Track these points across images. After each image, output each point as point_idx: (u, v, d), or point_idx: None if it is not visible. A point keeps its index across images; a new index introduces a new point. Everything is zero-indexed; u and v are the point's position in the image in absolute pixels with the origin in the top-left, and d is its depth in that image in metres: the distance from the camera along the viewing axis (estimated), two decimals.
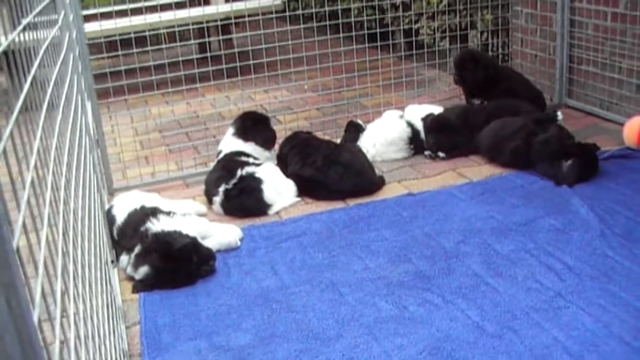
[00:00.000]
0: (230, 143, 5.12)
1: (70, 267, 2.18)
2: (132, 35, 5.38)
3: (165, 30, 5.83)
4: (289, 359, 3.11)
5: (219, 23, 6.63)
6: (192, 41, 5.95)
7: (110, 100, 5.46)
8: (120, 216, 4.24)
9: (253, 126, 5.18)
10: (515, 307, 3.34)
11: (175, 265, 3.83)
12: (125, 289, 3.88)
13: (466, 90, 5.96)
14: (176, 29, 5.70)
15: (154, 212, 4.15)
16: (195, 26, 6.11)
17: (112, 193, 5.17)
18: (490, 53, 6.94)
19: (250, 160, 4.95)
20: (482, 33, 7.06)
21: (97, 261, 3.13)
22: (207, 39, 6.80)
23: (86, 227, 2.93)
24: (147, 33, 5.57)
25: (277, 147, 5.33)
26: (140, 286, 3.84)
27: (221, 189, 4.69)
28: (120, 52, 5.35)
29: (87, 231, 2.98)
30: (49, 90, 2.26)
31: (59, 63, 2.84)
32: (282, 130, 5.65)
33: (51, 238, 1.94)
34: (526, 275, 3.60)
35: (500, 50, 7.03)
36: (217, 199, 4.71)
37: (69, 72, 3.35)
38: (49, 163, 1.98)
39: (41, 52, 2.26)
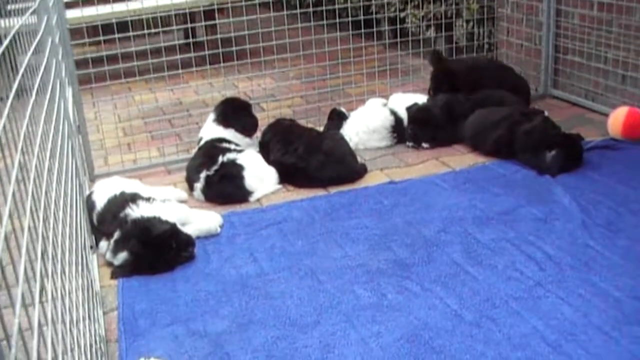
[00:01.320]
0: (210, 130, 5.07)
1: (39, 250, 2.15)
2: (114, 21, 5.33)
3: (148, 16, 5.75)
4: (266, 346, 3.09)
5: (202, 9, 6.57)
6: (175, 27, 5.87)
7: (93, 86, 5.40)
8: (100, 202, 4.20)
9: (234, 113, 5.14)
10: (494, 295, 3.32)
11: (154, 251, 3.80)
12: (104, 275, 3.84)
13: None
14: (158, 15, 5.64)
15: (134, 198, 4.11)
16: (178, 11, 6.06)
17: (93, 179, 5.12)
18: (475, 42, 6.92)
19: (232, 147, 4.91)
20: (467, 22, 7.02)
21: (75, 246, 3.11)
22: (189, 25, 6.74)
23: (61, 212, 2.90)
24: (129, 19, 5.49)
25: (259, 134, 5.29)
26: (119, 272, 3.81)
27: (202, 175, 4.66)
28: (102, 38, 5.29)
29: (64, 216, 2.95)
30: (18, 77, 2.21)
31: (31, 49, 2.79)
32: (265, 118, 5.61)
33: (26, 224, 1.92)
34: (506, 264, 3.59)
35: (485, 39, 6.99)
36: (198, 185, 4.68)
37: (45, 58, 3.30)
38: (17, 149, 1.94)
39: (9, 38, 2.21)
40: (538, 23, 6.21)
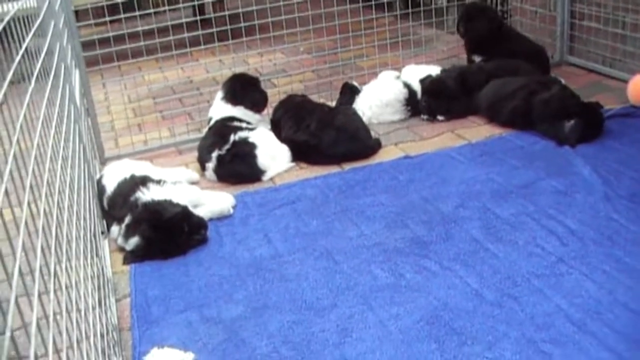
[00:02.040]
0: (220, 108, 4.98)
1: (52, 241, 2.09)
2: (120, 0, 5.22)
3: None
4: (282, 331, 3.01)
5: None
6: (182, 4, 5.76)
7: (103, 67, 5.31)
8: (110, 186, 4.13)
9: (242, 89, 5.03)
10: (515, 273, 3.23)
11: (165, 235, 3.72)
12: (116, 261, 3.78)
13: (469, 45, 5.79)
14: None
15: (144, 181, 4.03)
16: None
17: (104, 162, 5.05)
18: None
19: (243, 125, 4.82)
20: None
21: (86, 232, 3.04)
22: (195, 2, 6.61)
23: (72, 198, 2.83)
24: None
25: (270, 111, 5.19)
26: (131, 257, 3.74)
27: (214, 154, 4.58)
28: (107, 18, 5.20)
29: (74, 202, 2.88)
30: (15, 62, 2.13)
31: (31, 33, 2.71)
32: (276, 94, 5.52)
33: (35, 211, 1.85)
34: (527, 240, 3.49)
35: (499, 7, 6.85)
36: (210, 165, 4.60)
37: (47, 42, 3.21)
38: (14, 135, 1.86)
39: (4, 22, 2.13)
40: None
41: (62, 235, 2.37)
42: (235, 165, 4.55)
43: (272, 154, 4.63)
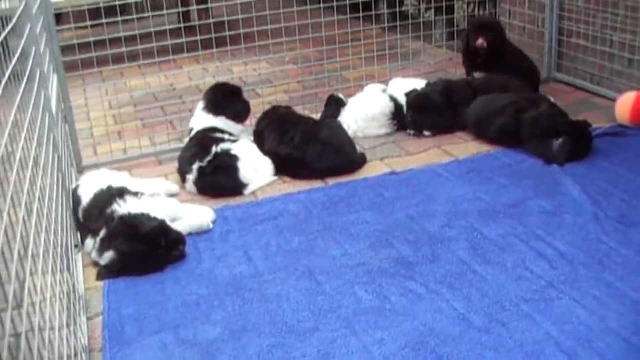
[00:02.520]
0: (201, 119, 4.87)
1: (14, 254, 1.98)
2: (102, 5, 5.10)
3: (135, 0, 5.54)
4: (261, 355, 2.89)
5: None
6: (166, 11, 5.63)
7: (84, 72, 5.19)
8: (86, 197, 3.99)
9: (223, 99, 4.92)
10: (504, 297, 3.12)
11: (142, 250, 3.59)
12: (89, 276, 3.64)
13: (473, 60, 5.64)
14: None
15: (121, 193, 3.91)
16: None
17: (81, 171, 4.92)
18: None
19: (226, 136, 4.71)
20: (468, 4, 6.81)
21: (57, 246, 2.92)
22: (180, 9, 6.49)
23: (42, 209, 2.71)
24: (118, 3, 5.24)
25: (253, 122, 5.08)
26: (105, 273, 3.60)
27: (195, 166, 4.46)
28: (89, 23, 5.08)
29: (44, 214, 2.76)
30: None
31: (1, 36, 2.58)
32: (260, 104, 5.42)
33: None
34: (516, 262, 3.39)
35: None
36: (191, 177, 4.48)
37: (21, 46, 3.08)
38: None
39: None
40: (541, 5, 6.00)
41: (29, 248, 2.25)
42: (217, 177, 4.43)
43: (255, 167, 4.52)
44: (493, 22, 5.69)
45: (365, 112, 5.16)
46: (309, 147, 4.52)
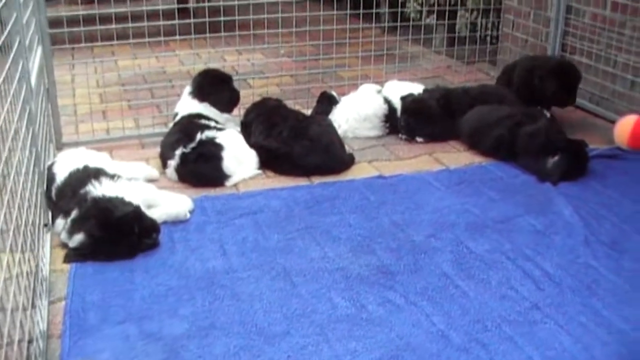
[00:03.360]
0: (186, 104, 4.75)
1: None
2: None
3: None
4: (226, 356, 2.75)
5: None
6: None
7: (74, 47, 5.03)
8: (60, 175, 3.86)
9: (210, 85, 4.80)
10: (486, 316, 2.99)
11: (113, 235, 3.46)
12: (56, 258, 3.49)
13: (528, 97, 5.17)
14: None
15: (97, 173, 3.77)
16: None
17: (60, 148, 4.76)
18: (478, 34, 6.57)
19: (212, 124, 4.56)
20: (471, 11, 6.68)
21: (22, 224, 2.77)
22: None
23: (7, 184, 2.56)
24: None
25: (242, 112, 4.94)
26: (73, 255, 3.46)
27: (178, 152, 4.34)
28: None
29: (10, 189, 2.60)
30: None
31: None
32: (250, 95, 5.29)
33: None
34: (500, 280, 3.26)
35: (489, 32, 6.65)
36: (172, 163, 4.35)
37: None
38: None
39: None
40: (546, 19, 5.88)
41: None
42: (199, 165, 4.31)
43: (239, 158, 4.40)
44: (577, 74, 5.25)
45: (358, 111, 5.03)
46: (297, 142, 4.40)
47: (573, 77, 5.16)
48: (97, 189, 3.62)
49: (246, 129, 4.73)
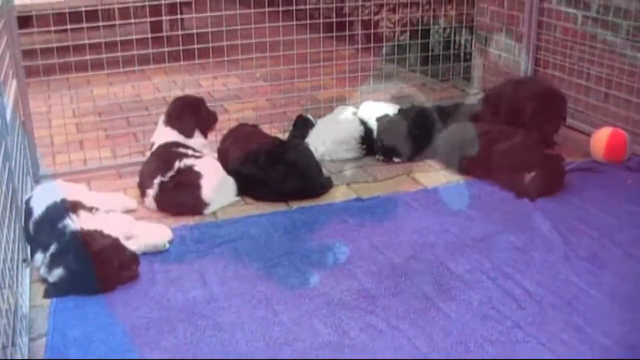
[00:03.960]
0: (161, 133, 4.75)
1: None
2: (66, 11, 4.92)
3: (109, 7, 5.39)
4: None
5: (163, 2, 6.16)
6: (132, 20, 5.46)
7: (49, 79, 5.02)
8: (38, 209, 3.83)
9: (177, 112, 4.80)
10: (468, 337, 3.00)
11: (93, 268, 3.42)
12: (36, 293, 3.46)
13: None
14: (114, 7, 5.26)
15: (75, 207, 3.74)
16: (142, 4, 5.70)
17: (37, 180, 4.73)
18: (452, 51, 6.60)
19: (189, 152, 4.55)
20: (444, 29, 6.72)
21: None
22: (148, 19, 6.30)
23: None
24: (83, 9, 5.07)
25: (218, 138, 4.95)
26: (53, 290, 3.44)
27: (156, 181, 4.32)
28: (52, 28, 4.90)
29: None
30: None
31: None
32: (227, 120, 5.28)
33: None
34: (482, 300, 3.27)
35: (463, 48, 6.69)
36: (151, 192, 4.33)
37: None
38: None
39: None
40: (518, 34, 5.93)
41: None
42: (178, 194, 4.29)
43: (218, 186, 4.37)
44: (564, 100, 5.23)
45: (334, 134, 5.04)
46: (274, 168, 4.39)
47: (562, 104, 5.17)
48: (75, 223, 3.60)
49: (223, 155, 4.71)
